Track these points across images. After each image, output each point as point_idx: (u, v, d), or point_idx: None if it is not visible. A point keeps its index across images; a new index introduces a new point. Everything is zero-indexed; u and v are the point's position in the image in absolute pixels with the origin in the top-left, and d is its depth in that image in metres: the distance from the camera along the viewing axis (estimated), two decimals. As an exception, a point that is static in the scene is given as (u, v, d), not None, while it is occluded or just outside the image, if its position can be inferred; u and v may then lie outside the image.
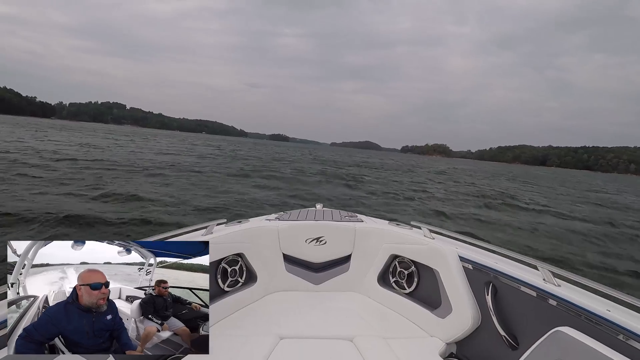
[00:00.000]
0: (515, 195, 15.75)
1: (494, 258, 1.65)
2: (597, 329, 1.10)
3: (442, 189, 16.48)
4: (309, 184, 13.47)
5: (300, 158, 33.97)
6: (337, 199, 10.14)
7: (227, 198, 8.44)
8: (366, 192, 12.24)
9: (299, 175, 16.34)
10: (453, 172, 35.27)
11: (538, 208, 12.11)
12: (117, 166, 12.51)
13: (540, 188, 23.41)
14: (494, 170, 60.10)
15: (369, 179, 17.49)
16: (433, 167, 43.86)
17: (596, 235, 8.07)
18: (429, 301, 1.88)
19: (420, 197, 12.51)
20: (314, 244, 2.22)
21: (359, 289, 2.19)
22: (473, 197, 13.78)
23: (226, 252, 1.96)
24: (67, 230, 4.81)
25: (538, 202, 13.98)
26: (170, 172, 12.31)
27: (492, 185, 20.80)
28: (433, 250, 1.84)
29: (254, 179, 12.88)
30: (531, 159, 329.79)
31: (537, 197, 16.30)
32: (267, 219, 2.31)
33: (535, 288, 1.34)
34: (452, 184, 20.01)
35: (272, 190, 10.52)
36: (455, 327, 1.62)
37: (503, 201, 12.95)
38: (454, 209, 10.17)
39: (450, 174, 30.98)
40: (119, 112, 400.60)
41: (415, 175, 24.20)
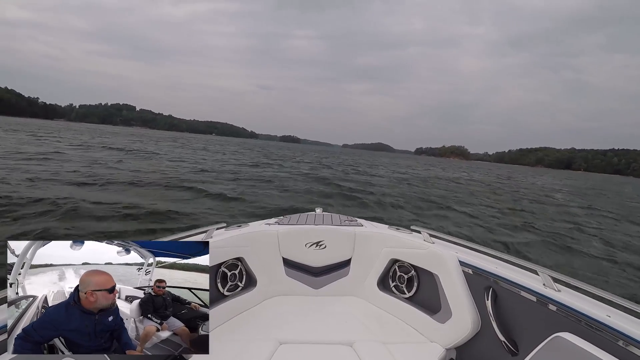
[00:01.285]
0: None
1: (494, 263, 1.68)
2: (597, 334, 1.11)
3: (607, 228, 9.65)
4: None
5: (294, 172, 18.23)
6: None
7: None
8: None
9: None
10: (539, 190, 22.22)
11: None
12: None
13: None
14: (574, 184, 39.53)
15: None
16: (493, 176, 35.39)
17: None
18: (428, 306, 1.90)
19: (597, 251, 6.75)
20: (314, 248, 2.26)
21: (359, 294, 2.23)
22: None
23: (226, 257, 2.00)
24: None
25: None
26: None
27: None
28: (433, 254, 1.87)
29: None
30: (555, 162, 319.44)
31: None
32: (267, 223, 2.36)
33: (536, 293, 1.37)
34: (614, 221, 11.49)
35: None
36: (455, 332, 1.65)
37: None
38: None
39: (555, 195, 19.57)
40: (128, 114, 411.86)
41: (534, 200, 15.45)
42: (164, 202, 7.27)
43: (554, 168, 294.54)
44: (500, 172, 54.71)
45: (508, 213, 10.56)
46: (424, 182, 19.25)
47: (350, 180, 16.21)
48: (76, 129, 61.17)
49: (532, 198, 16.42)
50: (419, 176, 24.36)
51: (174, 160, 18.13)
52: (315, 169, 21.45)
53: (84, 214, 5.66)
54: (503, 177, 37.60)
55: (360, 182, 15.47)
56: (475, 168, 68.48)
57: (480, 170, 53.95)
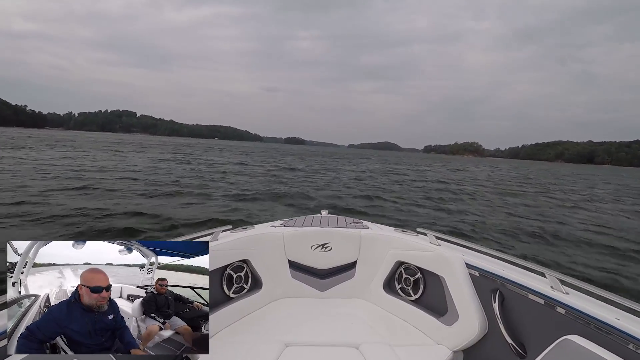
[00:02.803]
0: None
1: (501, 265, 1.70)
2: (606, 337, 1.13)
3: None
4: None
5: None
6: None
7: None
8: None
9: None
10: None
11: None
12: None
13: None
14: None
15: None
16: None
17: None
18: (435, 308, 1.93)
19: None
20: (320, 250, 2.31)
21: (365, 296, 2.27)
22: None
23: (231, 259, 2.06)
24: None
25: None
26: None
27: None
28: (439, 256, 1.90)
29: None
30: (576, 156, 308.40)
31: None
32: (273, 226, 2.41)
33: (543, 296, 1.39)
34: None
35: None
36: (462, 334, 1.67)
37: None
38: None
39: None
40: (127, 120, 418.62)
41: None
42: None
43: (575, 163, 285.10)
44: (530, 172, 43.78)
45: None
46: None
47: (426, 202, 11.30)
48: (59, 138, 52.97)
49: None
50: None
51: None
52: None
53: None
54: (548, 182, 27.45)
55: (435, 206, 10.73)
56: (501, 167, 57.28)
57: (504, 169, 47.21)
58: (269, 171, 19.92)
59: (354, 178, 18.78)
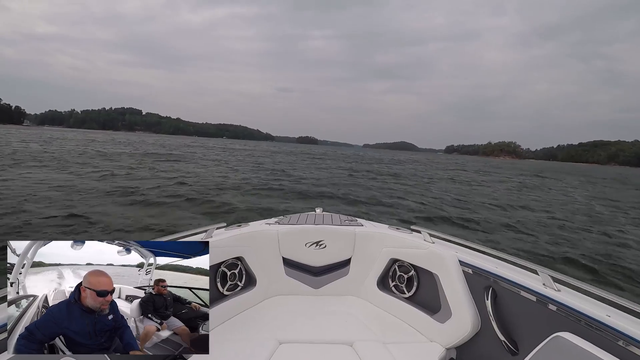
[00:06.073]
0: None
1: (494, 262, 1.76)
2: (597, 334, 1.18)
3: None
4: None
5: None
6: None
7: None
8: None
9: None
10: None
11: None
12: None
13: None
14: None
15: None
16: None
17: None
18: (428, 306, 2.01)
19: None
20: (314, 247, 2.40)
21: (359, 293, 2.36)
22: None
23: (226, 256, 2.14)
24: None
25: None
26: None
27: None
28: (433, 254, 1.97)
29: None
30: (634, 158, 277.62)
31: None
32: (267, 223, 2.50)
33: (535, 293, 1.45)
34: None
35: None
36: (455, 332, 1.74)
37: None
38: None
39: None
40: (131, 118, 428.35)
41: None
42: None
43: (632, 166, 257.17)
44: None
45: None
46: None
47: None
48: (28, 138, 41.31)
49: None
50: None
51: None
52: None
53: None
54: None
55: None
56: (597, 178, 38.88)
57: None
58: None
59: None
